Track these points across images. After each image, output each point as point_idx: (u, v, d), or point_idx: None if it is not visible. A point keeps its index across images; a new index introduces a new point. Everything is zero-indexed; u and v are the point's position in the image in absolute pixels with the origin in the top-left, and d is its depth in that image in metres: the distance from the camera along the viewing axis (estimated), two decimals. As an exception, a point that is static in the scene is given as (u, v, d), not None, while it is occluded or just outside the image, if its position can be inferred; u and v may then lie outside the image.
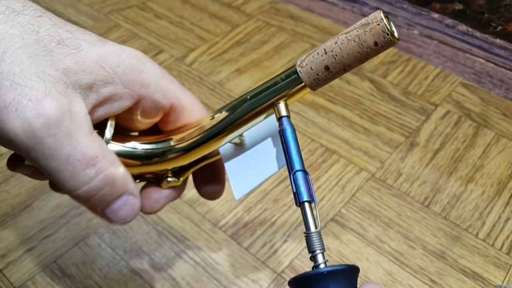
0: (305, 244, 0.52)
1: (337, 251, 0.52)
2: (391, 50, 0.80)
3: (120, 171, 0.29)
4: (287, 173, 0.30)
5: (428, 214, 0.56)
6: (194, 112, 0.34)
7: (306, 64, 0.29)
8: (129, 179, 0.30)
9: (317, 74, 0.29)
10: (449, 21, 0.77)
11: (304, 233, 0.29)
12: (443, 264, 0.51)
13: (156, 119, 0.33)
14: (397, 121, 0.68)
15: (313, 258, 0.29)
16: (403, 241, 0.53)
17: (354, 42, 0.27)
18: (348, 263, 0.48)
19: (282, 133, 0.31)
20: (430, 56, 0.79)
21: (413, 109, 0.70)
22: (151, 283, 0.49)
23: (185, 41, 0.79)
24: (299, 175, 0.30)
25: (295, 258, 0.51)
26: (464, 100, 0.72)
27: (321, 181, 0.59)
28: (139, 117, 0.32)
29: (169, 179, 0.35)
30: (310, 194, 0.30)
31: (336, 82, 0.73)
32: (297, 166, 0.30)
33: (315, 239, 0.29)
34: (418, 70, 0.77)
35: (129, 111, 0.32)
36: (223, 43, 0.79)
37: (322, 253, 0.29)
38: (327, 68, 0.28)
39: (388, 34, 0.26)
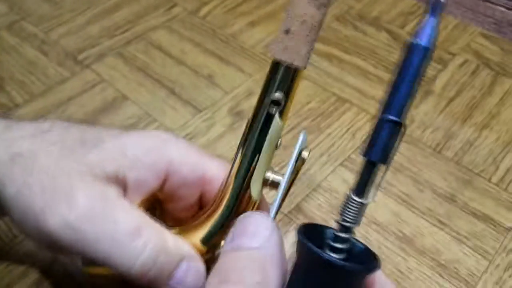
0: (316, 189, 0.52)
1: (345, 194, 0.51)
2: (410, 1, 0.78)
3: (170, 238, 0.29)
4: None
5: (440, 159, 0.55)
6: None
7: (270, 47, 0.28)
8: (182, 244, 0.30)
9: (283, 42, 0.27)
10: (469, -31, 0.75)
11: (350, 196, 0.25)
12: (453, 206, 0.51)
13: (193, 198, 0.33)
14: (413, 70, 0.66)
15: (341, 227, 0.26)
16: (412, 184, 0.52)
17: None
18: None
19: (410, 51, 0.23)
20: (450, 7, 0.77)
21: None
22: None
23: (199, -5, 0.79)
24: (389, 127, 0.24)
25: (302, 200, 0.51)
26: (483, 50, 0.70)
27: (332, 128, 0.58)
28: (176, 199, 0.32)
29: None
30: (386, 155, 0.24)
31: (351, 32, 0.72)
32: (393, 112, 0.23)
33: (358, 209, 0.25)
34: (436, 21, 0.75)
35: (165, 195, 0.32)
36: (238, -3, 0.79)
37: (352, 228, 0.26)
38: (287, 31, 0.27)
39: None
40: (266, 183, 0.31)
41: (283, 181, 0.30)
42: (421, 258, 0.46)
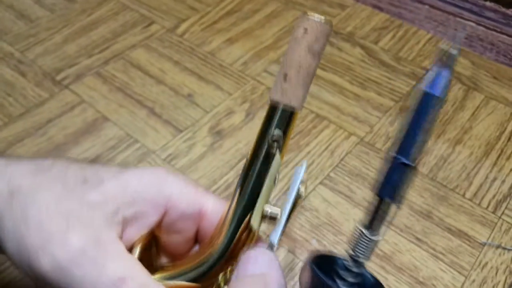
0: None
1: (325, 213, 0.53)
2: (383, 16, 0.80)
3: None
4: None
5: (415, 175, 0.57)
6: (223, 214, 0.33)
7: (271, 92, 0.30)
8: None
9: (281, 86, 0.30)
10: (440, -15, 0.77)
11: (362, 232, 0.27)
12: (429, 223, 0.52)
13: (190, 233, 0.34)
14: (387, 86, 0.68)
15: (353, 262, 0.28)
16: (390, 202, 0.54)
17: (291, 42, 0.29)
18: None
19: (425, 99, 0.25)
20: (422, 22, 0.79)
21: (404, 74, 0.70)
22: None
23: (176, 12, 0.79)
24: (400, 169, 0.25)
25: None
26: (454, 64, 0.72)
27: (311, 147, 0.60)
28: (173, 232, 0.33)
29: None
30: (397, 195, 0.25)
31: (327, 49, 0.73)
32: (407, 156, 0.25)
33: (370, 245, 0.27)
34: (410, 36, 0.77)
35: (163, 230, 0.33)
36: (214, 13, 0.80)
37: (364, 262, 0.28)
38: (285, 76, 0.29)
39: (308, 15, 0.28)
40: (265, 216, 0.33)
41: (283, 215, 0.32)
42: (400, 276, 0.48)
